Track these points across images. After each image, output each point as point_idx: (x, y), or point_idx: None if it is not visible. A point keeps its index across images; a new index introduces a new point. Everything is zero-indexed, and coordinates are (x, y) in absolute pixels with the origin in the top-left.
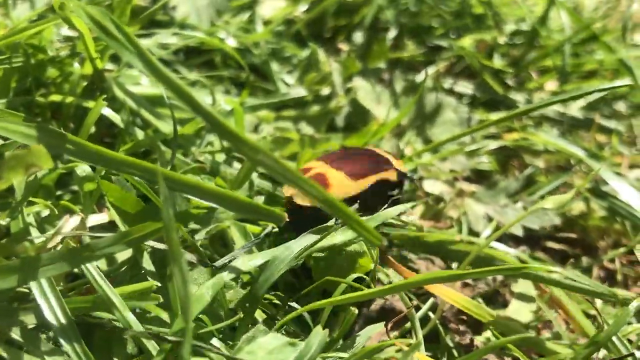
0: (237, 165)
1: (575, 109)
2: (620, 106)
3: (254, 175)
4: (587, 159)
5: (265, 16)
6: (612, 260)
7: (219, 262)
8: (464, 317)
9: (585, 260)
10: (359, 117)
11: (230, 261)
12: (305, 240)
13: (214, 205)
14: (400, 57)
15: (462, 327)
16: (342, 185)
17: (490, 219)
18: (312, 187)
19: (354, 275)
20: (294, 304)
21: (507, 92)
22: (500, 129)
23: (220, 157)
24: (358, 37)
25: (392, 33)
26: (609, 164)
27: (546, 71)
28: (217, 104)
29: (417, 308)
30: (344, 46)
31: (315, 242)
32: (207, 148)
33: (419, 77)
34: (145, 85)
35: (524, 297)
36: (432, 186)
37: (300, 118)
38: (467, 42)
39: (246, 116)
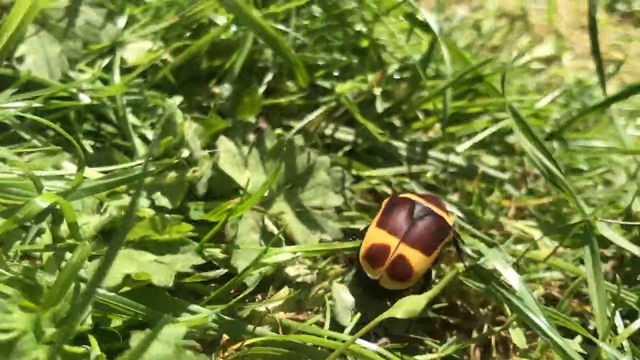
0: None
1: (460, 149)
2: (512, 139)
3: None
4: (465, 225)
5: (129, 60)
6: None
7: None
8: None
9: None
10: (221, 185)
11: None
12: None
13: None
14: (278, 103)
15: None
16: (421, 264)
17: (358, 307)
18: None
19: None
20: None
21: (390, 138)
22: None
23: None
24: (225, 89)
25: (269, 76)
26: (496, 209)
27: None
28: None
29: None
30: (219, 90)
31: None
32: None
33: (295, 130)
34: None
35: None
36: (295, 270)
37: (155, 188)
38: (347, 86)
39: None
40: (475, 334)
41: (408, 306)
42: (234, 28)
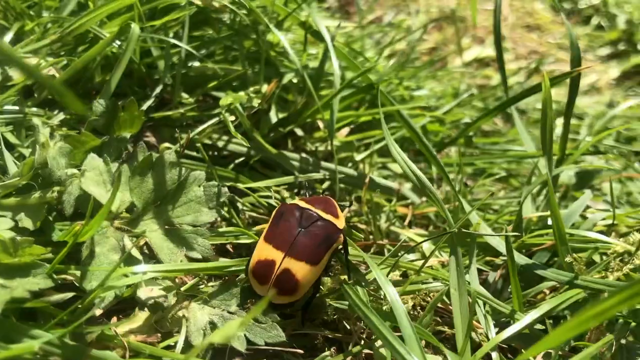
0: None
1: (359, 157)
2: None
3: None
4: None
5: (14, 77)
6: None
7: None
8: None
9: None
10: (86, 204)
11: None
12: None
13: None
14: (169, 115)
15: None
16: (309, 277)
17: (214, 327)
18: None
19: None
20: None
21: (292, 147)
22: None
23: None
24: (98, 105)
25: (158, 88)
26: (393, 217)
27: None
28: None
29: None
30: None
31: None
32: None
33: (181, 143)
34: None
35: None
36: (148, 292)
37: (20, 208)
38: (230, 98)
39: None
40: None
41: (223, 332)
42: (118, 42)
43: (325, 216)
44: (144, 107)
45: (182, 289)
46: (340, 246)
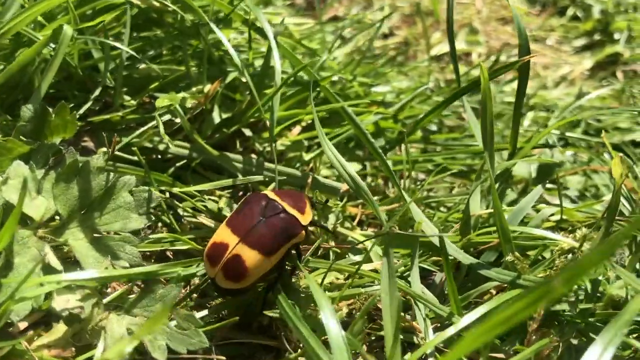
0: None
1: (308, 157)
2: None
3: None
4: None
5: None
6: None
7: None
8: None
9: None
10: (7, 214)
11: None
12: None
13: None
14: (109, 119)
15: None
16: (258, 265)
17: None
18: None
19: None
20: None
21: (241, 148)
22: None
23: None
24: (26, 110)
25: (97, 91)
26: (342, 217)
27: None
28: None
29: None
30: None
31: None
32: None
33: (119, 146)
34: None
35: None
36: (64, 303)
37: None
38: (166, 100)
39: None
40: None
41: (119, 345)
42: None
43: (290, 210)
44: (82, 110)
45: (108, 299)
46: (303, 239)
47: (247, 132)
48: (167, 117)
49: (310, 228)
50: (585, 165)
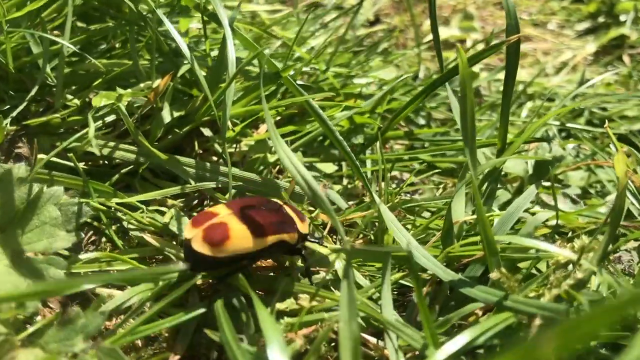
0: None
1: (272, 159)
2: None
3: None
4: None
5: None
6: None
7: None
8: None
9: None
10: None
11: None
12: None
13: None
14: (48, 121)
15: None
16: (240, 238)
17: None
18: None
19: None
20: None
21: (192, 151)
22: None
23: None
24: None
25: (33, 90)
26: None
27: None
28: None
29: None
30: None
31: None
32: None
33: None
34: None
35: None
36: None
37: None
38: (102, 98)
39: None
40: None
41: None
42: None
43: (290, 212)
44: (14, 113)
45: (24, 333)
46: (294, 244)
47: (207, 132)
48: (111, 117)
49: (302, 243)
50: (589, 160)
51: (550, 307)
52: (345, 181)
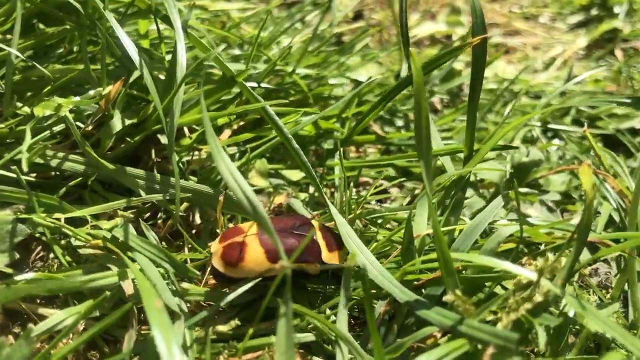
0: None
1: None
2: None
3: None
4: None
5: None
6: None
7: None
8: None
9: None
10: None
11: None
12: None
13: None
14: None
15: None
16: (255, 262)
17: None
18: None
19: None
20: None
21: (149, 161)
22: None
23: None
24: None
25: None
26: None
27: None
28: None
29: None
30: None
31: None
32: None
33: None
34: None
35: None
36: None
37: None
38: (41, 107)
39: None
40: None
41: None
42: None
43: (320, 239)
44: None
45: None
46: (313, 274)
47: (164, 140)
48: (60, 126)
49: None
50: (575, 162)
51: (504, 335)
52: (312, 189)
